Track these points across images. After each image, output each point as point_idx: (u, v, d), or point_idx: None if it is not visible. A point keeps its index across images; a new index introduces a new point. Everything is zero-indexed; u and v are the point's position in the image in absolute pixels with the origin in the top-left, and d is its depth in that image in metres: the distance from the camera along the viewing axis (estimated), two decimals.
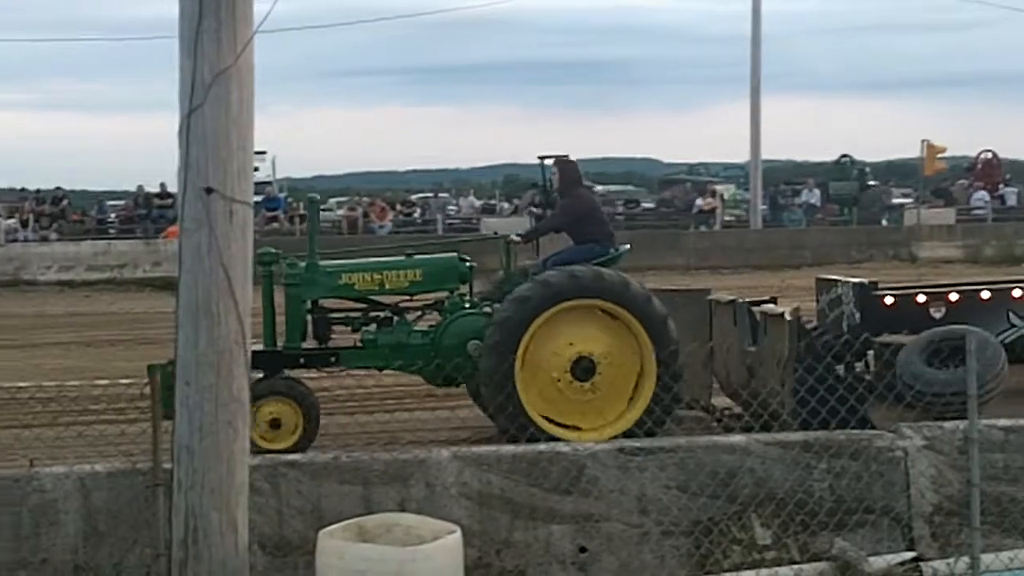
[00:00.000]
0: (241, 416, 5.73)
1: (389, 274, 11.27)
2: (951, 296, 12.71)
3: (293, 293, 11.12)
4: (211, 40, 5.50)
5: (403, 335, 11.18)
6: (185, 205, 5.62)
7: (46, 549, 6.31)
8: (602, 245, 11.45)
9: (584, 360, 10.57)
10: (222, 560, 5.66)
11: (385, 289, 11.32)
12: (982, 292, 12.81)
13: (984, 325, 12.17)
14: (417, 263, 11.39)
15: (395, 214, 43.18)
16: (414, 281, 11.27)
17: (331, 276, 11.29)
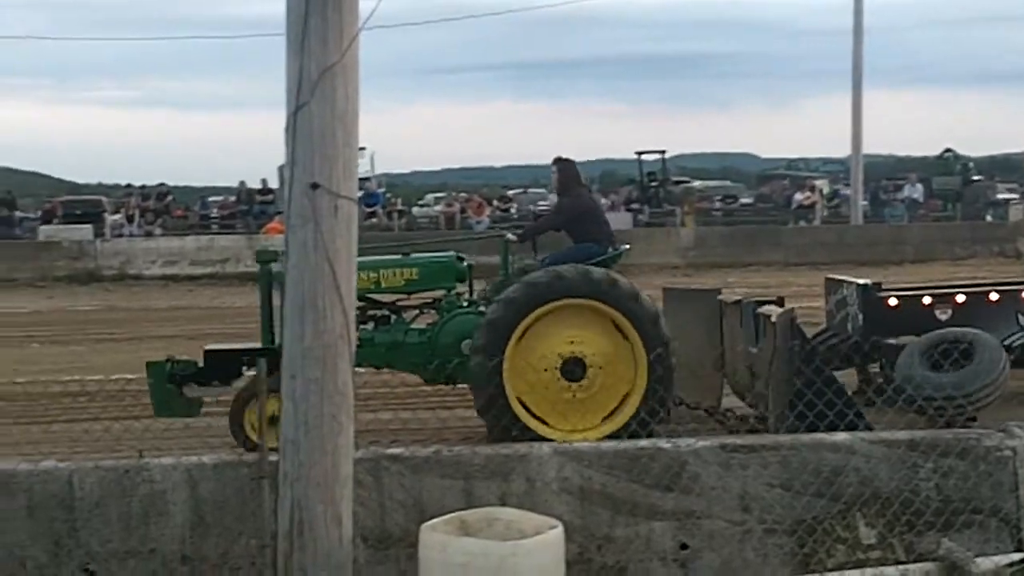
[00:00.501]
0: (345, 410, 5.79)
1: (386, 273, 11.25)
2: (958, 298, 12.47)
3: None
4: (318, 37, 5.56)
5: (399, 334, 11.19)
6: (291, 201, 5.68)
7: (155, 539, 6.41)
8: (600, 244, 11.40)
9: (574, 360, 10.55)
10: (327, 552, 5.72)
11: (382, 288, 11.30)
12: (991, 293, 12.55)
13: (993, 327, 12.03)
14: (414, 262, 11.38)
15: (492, 210, 43.28)
16: (411, 280, 11.27)
17: None
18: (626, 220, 39.43)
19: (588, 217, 11.60)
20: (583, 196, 11.90)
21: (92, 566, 6.37)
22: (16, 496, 6.37)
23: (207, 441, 10.17)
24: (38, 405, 13.20)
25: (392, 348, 11.07)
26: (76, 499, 6.38)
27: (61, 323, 22.53)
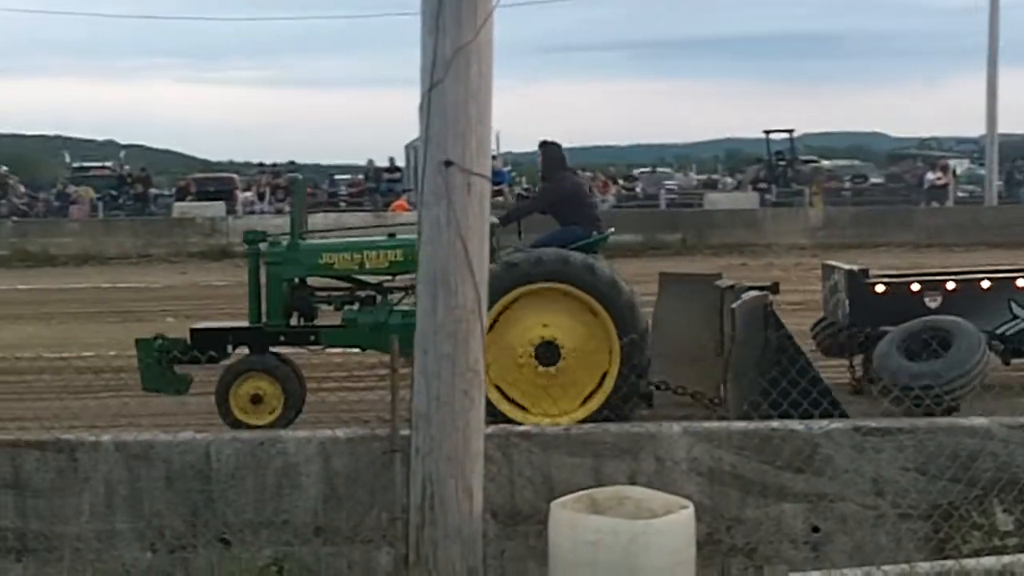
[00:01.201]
0: (477, 385, 5.82)
1: (369, 254, 11.31)
2: (948, 285, 12.19)
3: (274, 272, 11.29)
4: (452, 16, 5.58)
5: (383, 315, 11.23)
6: (425, 178, 5.72)
7: (288, 510, 6.52)
8: (584, 228, 11.33)
9: (549, 344, 10.48)
10: (457, 526, 5.77)
11: (365, 269, 11.36)
12: (982, 281, 12.25)
13: (985, 316, 11.81)
14: (397, 243, 11.38)
15: (617, 189, 43.17)
16: (394, 261, 11.28)
17: (311, 255, 11.39)
18: (753, 200, 39.04)
19: (572, 201, 11.55)
20: (567, 180, 11.82)
21: (227, 536, 6.50)
22: (155, 466, 6.52)
23: (339, 415, 10.27)
24: None
25: (375, 329, 11.08)
26: (213, 470, 6.51)
27: (194, 298, 22.99)
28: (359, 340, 11.32)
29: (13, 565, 6.49)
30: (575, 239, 11.11)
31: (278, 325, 11.25)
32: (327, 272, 11.49)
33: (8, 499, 6.50)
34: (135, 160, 55.80)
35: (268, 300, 11.30)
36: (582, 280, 10.43)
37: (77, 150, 69.78)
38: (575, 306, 10.50)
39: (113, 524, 6.49)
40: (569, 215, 11.42)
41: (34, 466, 6.52)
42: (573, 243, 11.00)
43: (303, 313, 11.44)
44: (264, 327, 11.25)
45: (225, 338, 11.19)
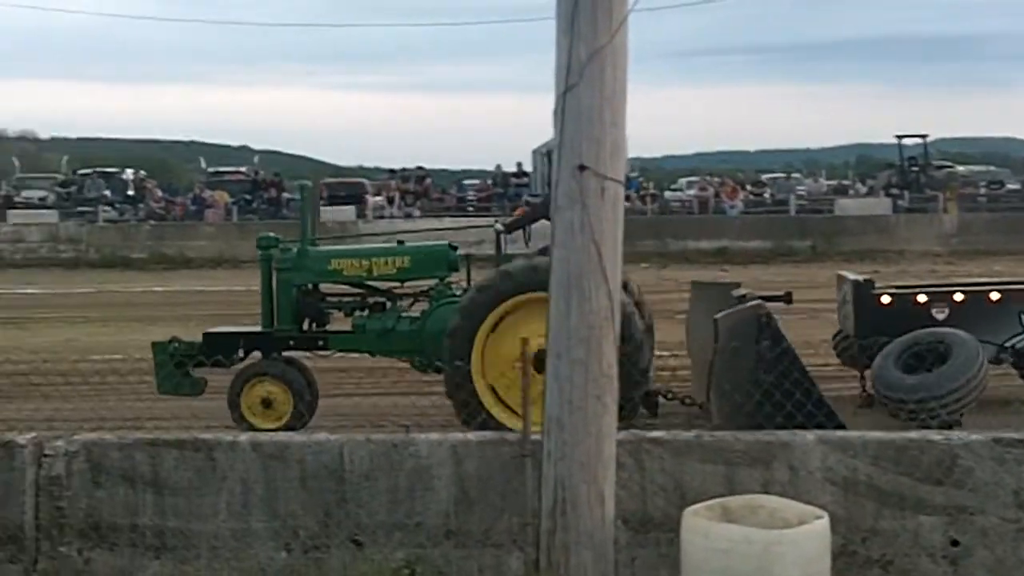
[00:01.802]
0: (610, 391, 5.80)
1: (377, 261, 11.39)
2: (956, 296, 11.89)
3: (284, 277, 11.41)
4: (587, 19, 5.58)
5: (391, 321, 11.27)
6: (559, 183, 5.72)
7: (420, 513, 6.55)
8: None
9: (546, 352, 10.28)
10: (589, 532, 5.75)
11: (373, 275, 11.43)
12: (991, 293, 11.92)
13: (993, 328, 11.52)
14: (406, 251, 11.47)
15: (745, 194, 42.78)
16: (402, 268, 11.35)
17: (321, 261, 11.50)
18: (885, 206, 38.41)
19: None
20: None
21: (360, 537, 6.55)
22: (290, 466, 6.60)
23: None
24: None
25: (383, 335, 11.21)
26: (346, 471, 6.57)
27: None
28: (367, 346, 11.43)
29: (151, 563, 6.61)
30: None
31: (288, 330, 11.41)
32: (336, 278, 11.61)
33: (147, 497, 6.63)
34: (268, 165, 56.80)
35: (278, 305, 11.45)
36: None
37: (212, 155, 71.18)
38: None
39: (249, 523, 6.58)
40: None
41: (173, 465, 6.64)
42: None
43: (312, 318, 11.58)
44: (274, 332, 11.43)
45: (236, 342, 11.37)
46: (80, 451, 6.70)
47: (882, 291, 12.10)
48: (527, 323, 10.38)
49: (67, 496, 6.66)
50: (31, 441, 6.79)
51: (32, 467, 6.69)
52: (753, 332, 9.71)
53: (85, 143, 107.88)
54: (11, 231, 37.21)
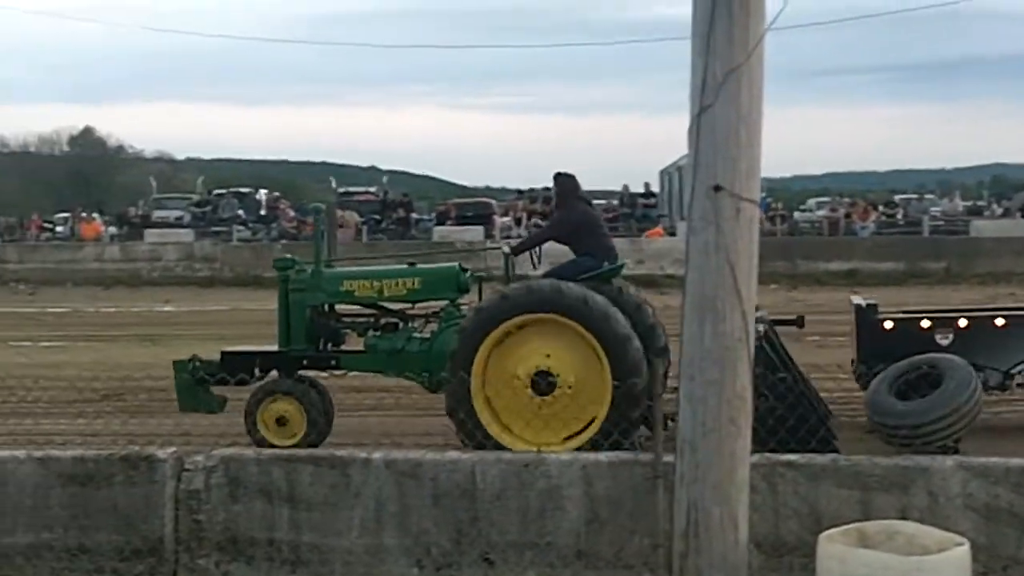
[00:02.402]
0: (744, 414, 5.74)
1: (388, 282, 11.62)
2: (960, 322, 11.70)
3: (297, 298, 11.64)
4: (724, 38, 5.54)
5: (401, 342, 11.45)
6: (694, 203, 5.68)
7: (551, 532, 6.56)
8: (595, 258, 11.20)
9: (545, 375, 10.44)
10: (722, 555, 5.69)
11: (384, 296, 11.64)
12: (997, 318, 11.74)
13: (998, 355, 11.33)
14: (416, 272, 11.74)
15: (877, 215, 42.12)
16: (412, 289, 11.56)
17: (333, 282, 11.69)
18: (1023, 228, 37.53)
19: (584, 231, 11.42)
20: (577, 210, 11.66)
21: (492, 556, 6.58)
22: (423, 484, 6.66)
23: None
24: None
25: (393, 355, 11.39)
26: (478, 490, 6.61)
27: None
28: (379, 365, 11.61)
29: None
30: (586, 269, 11.08)
31: (302, 349, 11.62)
32: (349, 299, 11.79)
33: (284, 512, 6.74)
34: (396, 185, 57.39)
35: (292, 325, 11.66)
36: (573, 311, 10.39)
37: (341, 176, 72.08)
38: (577, 339, 10.46)
39: (382, 539, 6.65)
40: (582, 245, 11.38)
41: (308, 480, 6.75)
42: (584, 273, 10.98)
43: (326, 338, 11.78)
44: (289, 351, 11.64)
45: (253, 361, 11.51)
46: (219, 466, 6.84)
47: (885, 316, 12.02)
48: (527, 344, 10.57)
49: (206, 510, 6.80)
50: (171, 455, 6.95)
51: (172, 481, 6.84)
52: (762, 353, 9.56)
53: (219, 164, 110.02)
54: (148, 250, 38.15)
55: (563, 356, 10.50)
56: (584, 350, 10.44)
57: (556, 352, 10.51)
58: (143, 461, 6.90)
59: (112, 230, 46.63)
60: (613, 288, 11.19)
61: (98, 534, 6.87)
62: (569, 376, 10.47)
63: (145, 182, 61.68)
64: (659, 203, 45.52)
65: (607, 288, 11.04)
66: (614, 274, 11.41)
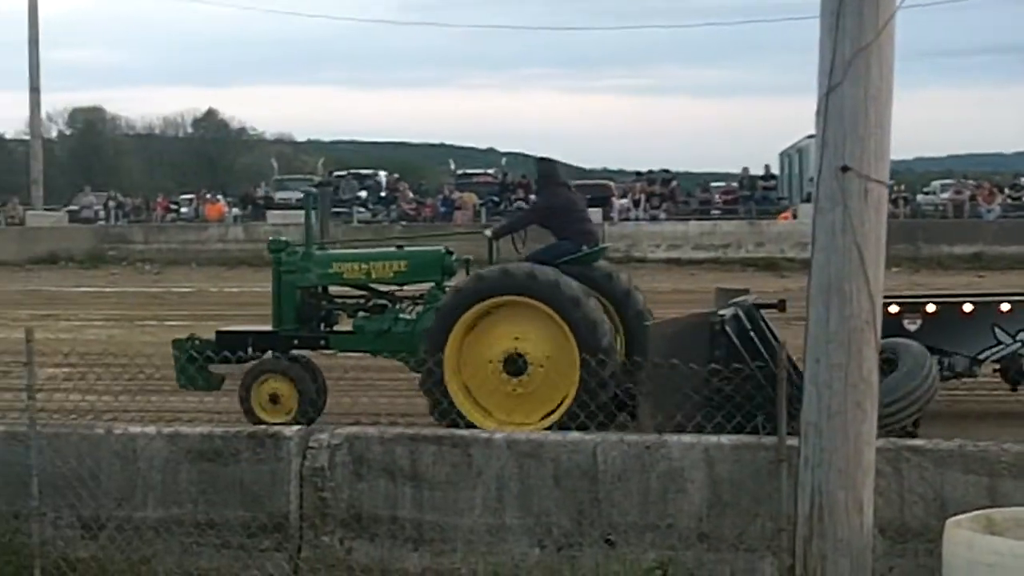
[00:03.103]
0: (870, 398, 5.68)
1: (376, 264, 11.93)
2: (928, 308, 11.82)
3: (288, 279, 11.93)
4: (853, 16, 5.48)
5: (387, 323, 11.74)
6: (820, 183, 5.63)
7: (672, 515, 6.54)
8: (574, 242, 11.34)
9: (517, 357, 10.73)
10: (847, 540, 5.65)
11: (372, 279, 11.96)
12: (964, 305, 11.89)
13: (966, 341, 11.41)
14: (402, 255, 12.04)
15: (1003, 198, 41.21)
16: (399, 272, 11.86)
17: (323, 265, 12.01)
18: None
19: (563, 215, 11.54)
20: (557, 195, 11.78)
21: (612, 536, 6.58)
22: (544, 464, 6.68)
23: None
24: None
25: (380, 336, 11.67)
26: (599, 471, 6.61)
27: None
28: (366, 345, 11.92)
29: (410, 554, 6.78)
30: (564, 253, 11.24)
31: (293, 329, 11.87)
32: (337, 281, 12.12)
33: (407, 490, 6.81)
34: (515, 167, 57.49)
35: (283, 306, 11.95)
36: (544, 294, 10.61)
37: (460, 158, 72.46)
38: (548, 321, 10.67)
39: (503, 519, 6.69)
40: (561, 229, 11.51)
41: (431, 460, 6.80)
42: (562, 257, 11.15)
43: (314, 319, 12.04)
44: (280, 332, 11.90)
45: (246, 341, 11.82)
46: (343, 444, 6.93)
47: None
48: (501, 326, 10.85)
49: (330, 487, 6.89)
50: (297, 433, 7.06)
51: (297, 458, 6.95)
52: (705, 339, 9.84)
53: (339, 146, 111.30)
54: (271, 231, 38.65)
55: (535, 338, 10.78)
56: (556, 332, 10.68)
57: (529, 334, 10.80)
58: (269, 438, 7.03)
59: (235, 211, 47.43)
60: (602, 273, 11.49)
61: (225, 509, 7.01)
62: (541, 357, 10.74)
63: (266, 164, 62.62)
64: (779, 185, 45.06)
65: (594, 273, 11.34)
66: (594, 258, 11.60)
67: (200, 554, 6.99)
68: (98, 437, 7.27)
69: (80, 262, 37.54)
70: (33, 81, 49.33)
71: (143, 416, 11.18)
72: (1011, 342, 11.66)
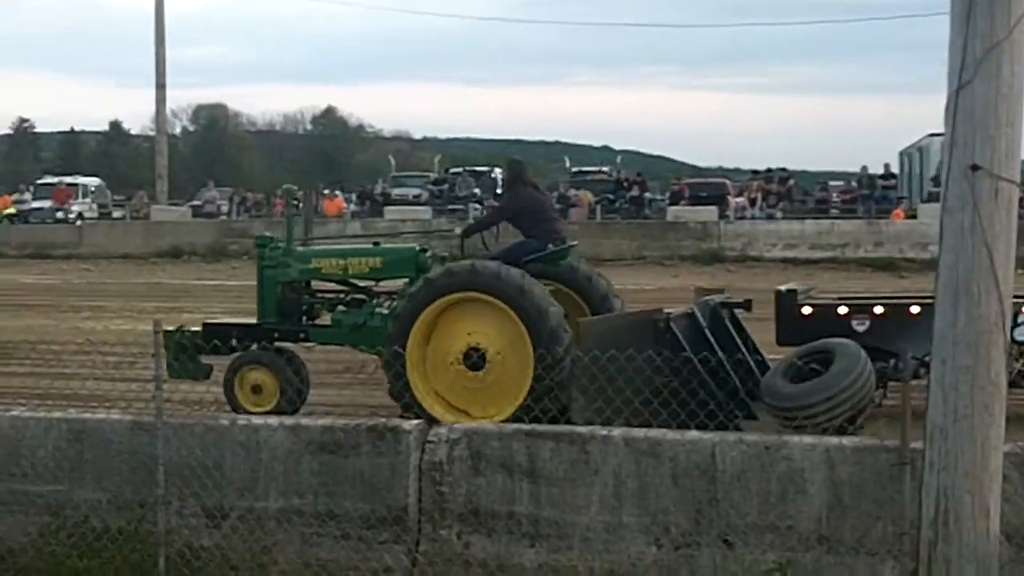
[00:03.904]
0: (998, 400, 5.58)
1: (352, 261, 12.32)
2: (876, 309, 11.93)
3: (270, 274, 12.41)
4: (984, 14, 5.39)
5: (363, 317, 12.09)
6: (949, 183, 5.54)
7: (792, 516, 6.47)
8: (540, 241, 11.63)
9: (475, 351, 11.06)
10: (972, 545, 5.55)
11: (349, 274, 12.36)
12: (912, 306, 11.85)
13: (914, 341, 10.64)
14: (377, 252, 12.46)
15: None
16: (374, 268, 12.26)
17: (303, 260, 12.43)
18: None
19: (529, 215, 11.81)
20: (523, 194, 12.05)
21: (730, 537, 6.53)
22: (662, 463, 6.65)
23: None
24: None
25: (355, 329, 12.02)
26: (718, 470, 6.56)
27: (673, 300, 23.25)
28: (343, 339, 12.24)
29: (526, 550, 6.80)
30: (529, 251, 11.56)
31: (274, 322, 12.26)
32: (316, 276, 12.53)
33: (524, 486, 6.83)
34: (629, 165, 57.35)
35: (265, 299, 12.42)
36: (490, 289, 10.95)
37: (575, 155, 72.44)
38: (501, 315, 10.97)
39: (620, 517, 6.67)
40: (527, 228, 11.79)
41: (548, 456, 6.81)
42: (528, 255, 11.48)
43: (293, 312, 12.41)
44: (262, 324, 12.30)
45: (230, 333, 12.23)
46: (461, 438, 6.97)
47: (804, 302, 12.24)
48: (459, 323, 11.17)
49: (448, 481, 6.94)
50: (416, 427, 7.12)
51: (416, 452, 7.01)
52: (648, 336, 10.24)
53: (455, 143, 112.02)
54: (387, 226, 39.06)
55: (487, 332, 11.09)
56: (506, 325, 10.98)
57: (480, 330, 11.12)
58: (389, 432, 7.09)
59: (353, 207, 47.94)
60: (565, 265, 11.90)
61: (345, 501, 7.09)
62: (495, 350, 11.05)
63: (383, 160, 63.22)
64: (899, 184, 44.35)
65: (559, 269, 11.79)
66: (560, 256, 11.84)
67: (320, 545, 7.08)
68: (222, 428, 7.40)
69: (203, 256, 38.27)
70: (159, 78, 50.45)
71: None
72: None
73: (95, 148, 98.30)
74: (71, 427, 7.59)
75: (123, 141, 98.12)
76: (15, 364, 16.53)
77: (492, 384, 11.08)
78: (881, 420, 10.26)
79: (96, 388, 12.65)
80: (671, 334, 10.59)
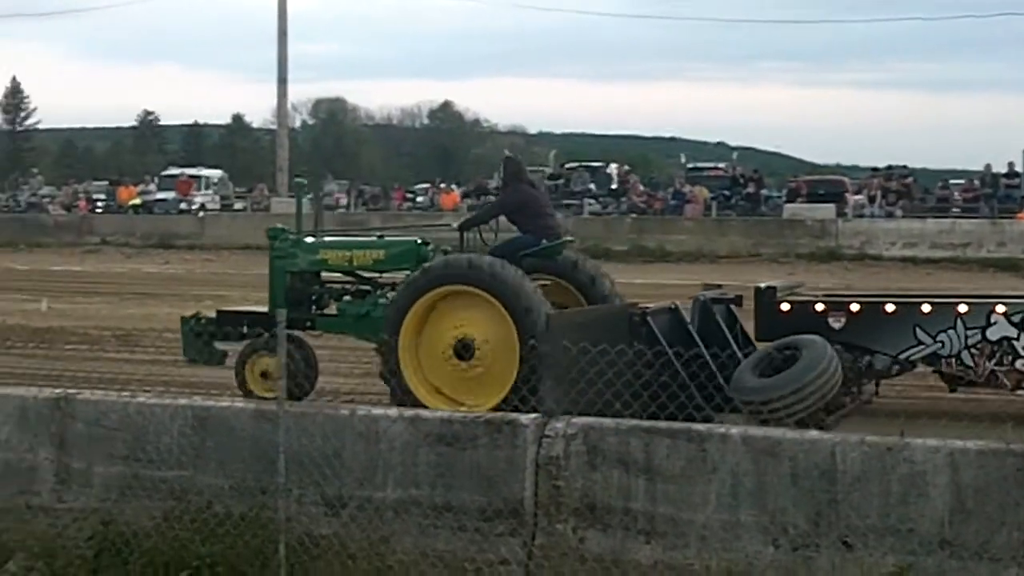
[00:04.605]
0: None
1: (356, 252, 12.76)
2: (852, 307, 12.16)
3: (279, 264, 12.85)
4: None
5: (367, 307, 12.49)
6: None
7: (913, 519, 6.37)
8: (535, 236, 11.95)
9: (464, 342, 11.37)
10: None
11: (354, 265, 12.76)
12: (887, 305, 12.19)
13: (889, 340, 11.86)
14: (380, 244, 12.88)
15: None
16: (377, 260, 12.64)
17: (310, 251, 12.88)
18: None
19: (525, 210, 12.11)
20: (520, 190, 12.37)
21: (850, 539, 6.45)
22: (781, 462, 6.59)
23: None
24: None
25: (359, 319, 12.46)
26: (838, 471, 6.48)
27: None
28: (348, 328, 12.76)
29: (642, 547, 6.78)
30: (525, 246, 11.89)
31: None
32: (323, 267, 12.92)
33: (640, 482, 6.81)
34: (745, 161, 56.83)
35: (275, 289, 12.81)
36: (484, 283, 11.23)
37: (690, 151, 72.01)
38: (490, 308, 11.25)
39: (738, 516, 6.63)
40: (523, 224, 12.10)
41: (665, 453, 6.79)
42: (522, 250, 11.80)
43: (301, 301, 12.75)
44: (269, 312, 12.45)
45: (242, 320, 12.68)
46: (578, 434, 6.98)
47: (782, 299, 12.44)
48: (451, 315, 11.49)
49: (564, 476, 6.95)
50: (533, 421, 7.14)
51: (533, 446, 7.03)
52: (623, 329, 10.50)
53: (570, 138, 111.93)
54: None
55: (475, 324, 11.41)
56: (494, 317, 11.25)
57: (471, 322, 11.44)
58: (506, 425, 7.12)
59: (469, 200, 48.16)
60: (567, 262, 12.18)
61: (461, 493, 7.13)
62: (484, 341, 11.36)
63: (499, 155, 63.32)
64: (1023, 183, 43.36)
65: (559, 262, 12.07)
66: (555, 251, 12.13)
67: (437, 536, 7.14)
68: (342, 418, 7.50)
69: None
70: (281, 72, 51.20)
71: (380, 400, 11.53)
72: (931, 343, 11.87)
73: (217, 141, 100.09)
74: (196, 414, 7.76)
75: (244, 134, 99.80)
76: (140, 352, 16.93)
77: (479, 375, 11.43)
78: (1009, 423, 10.12)
79: (219, 376, 12.94)
80: (647, 328, 10.82)
